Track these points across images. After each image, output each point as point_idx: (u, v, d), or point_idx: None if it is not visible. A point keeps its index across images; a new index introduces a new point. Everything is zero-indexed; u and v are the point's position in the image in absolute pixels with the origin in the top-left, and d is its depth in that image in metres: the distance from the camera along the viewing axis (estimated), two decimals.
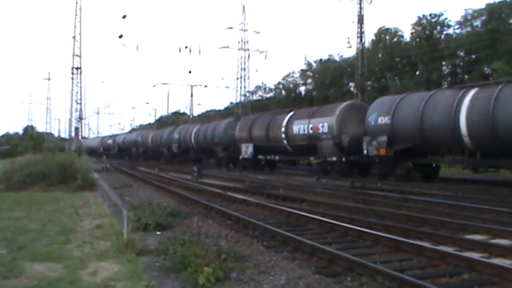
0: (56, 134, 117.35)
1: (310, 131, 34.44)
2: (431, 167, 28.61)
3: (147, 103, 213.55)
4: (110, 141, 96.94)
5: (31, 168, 25.89)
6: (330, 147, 32.60)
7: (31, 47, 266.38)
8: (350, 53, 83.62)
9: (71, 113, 60.82)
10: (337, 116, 32.34)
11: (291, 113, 38.37)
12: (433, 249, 9.54)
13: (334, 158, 32.51)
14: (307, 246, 10.03)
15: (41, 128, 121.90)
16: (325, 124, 33.02)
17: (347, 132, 31.48)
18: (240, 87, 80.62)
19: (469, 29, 62.59)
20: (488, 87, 23.91)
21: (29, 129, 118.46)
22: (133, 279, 7.93)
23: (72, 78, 58.71)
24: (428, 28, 65.96)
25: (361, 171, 32.03)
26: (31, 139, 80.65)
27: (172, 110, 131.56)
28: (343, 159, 31.91)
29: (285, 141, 37.57)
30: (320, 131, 33.42)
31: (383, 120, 28.22)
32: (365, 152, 29.34)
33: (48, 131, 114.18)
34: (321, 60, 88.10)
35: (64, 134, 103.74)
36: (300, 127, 35.66)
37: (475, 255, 9.21)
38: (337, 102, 37.73)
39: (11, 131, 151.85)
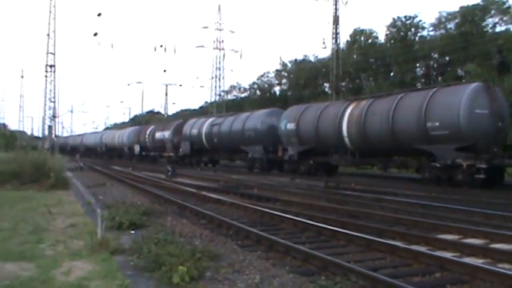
0: (29, 132, 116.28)
1: None
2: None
3: (122, 102, 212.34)
4: (106, 138, 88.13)
5: (3, 167, 25.64)
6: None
7: (4, 44, 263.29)
8: (325, 53, 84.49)
9: (45, 111, 60.34)
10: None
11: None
12: (406, 249, 9.62)
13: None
14: (281, 246, 10.06)
15: (13, 126, 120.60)
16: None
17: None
18: (215, 87, 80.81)
19: (442, 31, 63.17)
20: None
21: (1, 127, 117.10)
22: (107, 279, 7.89)
23: (46, 76, 58.28)
24: (403, 30, 66.48)
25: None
26: (3, 137, 79.69)
27: (146, 109, 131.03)
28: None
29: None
30: None
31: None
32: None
33: (21, 129, 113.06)
34: (296, 60, 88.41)
35: (37, 133, 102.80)
36: None
37: (447, 255, 9.30)
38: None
39: None
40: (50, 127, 60.92)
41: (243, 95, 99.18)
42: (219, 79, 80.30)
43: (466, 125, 23.10)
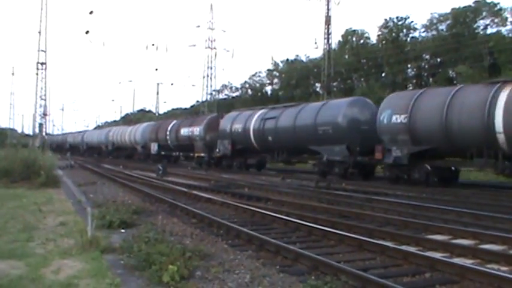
0: (20, 130, 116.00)
1: None
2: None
3: (113, 100, 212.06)
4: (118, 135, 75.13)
5: None
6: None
7: None
8: (317, 53, 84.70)
9: (35, 108, 60.16)
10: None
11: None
12: (396, 249, 9.65)
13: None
14: (271, 245, 10.06)
15: (4, 123, 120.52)
16: None
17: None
18: (207, 86, 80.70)
19: (434, 32, 63.45)
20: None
21: None
22: (97, 277, 7.88)
23: (37, 74, 58.03)
24: (395, 31, 66.69)
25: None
26: None
27: (138, 107, 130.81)
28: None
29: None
30: None
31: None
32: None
33: (11, 126, 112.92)
34: (287, 60, 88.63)
35: (28, 130, 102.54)
36: None
37: (437, 255, 9.33)
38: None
39: None
40: (40, 125, 60.75)
41: (234, 95, 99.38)
42: (211, 78, 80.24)
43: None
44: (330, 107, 32.05)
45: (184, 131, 49.51)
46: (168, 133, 53.31)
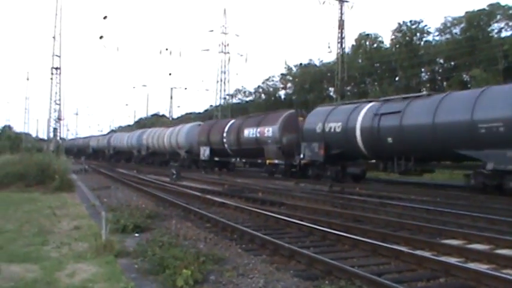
0: (34, 135, 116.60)
1: None
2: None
3: (127, 105, 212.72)
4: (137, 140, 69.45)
5: (8, 168, 25.70)
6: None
7: (10, 46, 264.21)
8: (330, 57, 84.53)
9: (50, 113, 60.36)
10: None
11: None
12: (411, 254, 9.60)
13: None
14: (285, 250, 10.04)
15: (18, 128, 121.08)
16: None
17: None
18: (220, 90, 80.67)
19: (448, 36, 63.12)
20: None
21: (6, 129, 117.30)
22: (111, 281, 7.90)
23: (52, 79, 58.23)
24: (408, 34, 66.43)
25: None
26: (8, 139, 79.83)
27: (151, 112, 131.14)
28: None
29: None
30: None
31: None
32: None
33: (26, 131, 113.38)
34: (301, 64, 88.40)
35: (42, 135, 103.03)
36: None
37: (452, 260, 9.28)
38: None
39: None
40: (55, 129, 60.88)
41: (248, 99, 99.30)
42: (224, 83, 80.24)
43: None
44: (495, 96, 22.81)
45: (249, 132, 40.08)
46: (225, 135, 43.97)
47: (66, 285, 7.71)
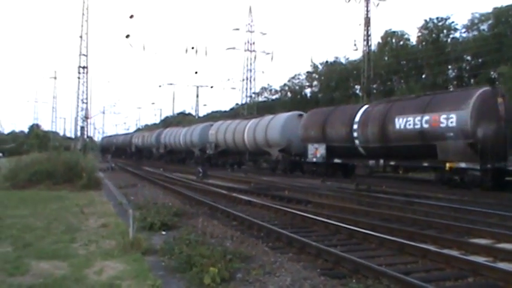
0: (62, 133, 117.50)
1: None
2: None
3: (153, 103, 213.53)
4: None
5: (36, 167, 25.92)
6: None
7: (38, 46, 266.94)
8: (356, 55, 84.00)
9: (77, 112, 60.95)
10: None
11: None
12: (438, 253, 9.54)
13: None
14: (312, 248, 10.03)
15: (46, 126, 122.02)
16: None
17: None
18: (246, 89, 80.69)
19: (475, 32, 62.42)
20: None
21: (34, 128, 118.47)
22: (138, 279, 7.95)
23: (79, 78, 58.81)
24: (435, 31, 65.81)
25: None
26: (36, 137, 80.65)
27: (177, 110, 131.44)
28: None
29: None
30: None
31: None
32: None
33: (53, 129, 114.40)
34: (327, 62, 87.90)
35: (69, 133, 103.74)
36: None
37: (480, 259, 9.20)
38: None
39: (17, 129, 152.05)
40: (82, 128, 61.48)
41: (274, 97, 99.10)
42: (250, 81, 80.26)
43: None
44: None
45: (405, 122, 27.50)
46: (354, 127, 31.35)
47: (94, 282, 7.77)
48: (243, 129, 46.73)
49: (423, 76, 66.69)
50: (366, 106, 32.46)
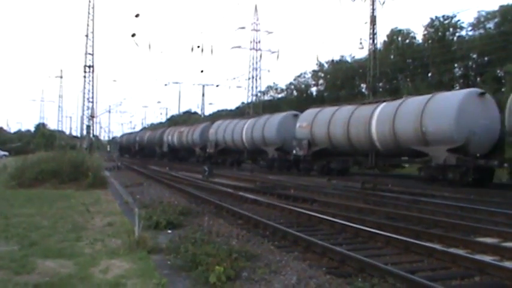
0: (68, 132, 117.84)
1: None
2: None
3: (159, 102, 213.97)
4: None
5: (43, 166, 25.96)
6: None
7: (44, 45, 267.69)
8: (362, 54, 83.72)
9: (83, 111, 61.06)
10: None
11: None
12: (444, 251, 9.52)
13: None
14: (318, 247, 10.03)
15: (52, 125, 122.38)
16: None
17: None
18: (252, 87, 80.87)
19: (481, 31, 62.28)
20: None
21: (40, 127, 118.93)
22: (144, 277, 7.95)
23: (85, 77, 58.90)
24: (441, 30, 65.70)
25: None
26: (43, 136, 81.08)
27: (183, 109, 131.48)
28: None
29: None
30: None
31: None
32: None
33: (59, 128, 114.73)
34: (332, 61, 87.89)
35: (75, 132, 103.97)
36: None
37: (487, 258, 9.18)
38: None
39: (23, 129, 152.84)
40: (88, 127, 61.58)
41: (279, 96, 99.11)
42: (256, 79, 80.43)
43: None
44: None
45: None
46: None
47: (99, 281, 7.77)
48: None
49: (429, 74, 66.60)
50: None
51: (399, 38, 72.67)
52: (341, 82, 79.76)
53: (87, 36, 58.42)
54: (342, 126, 33.65)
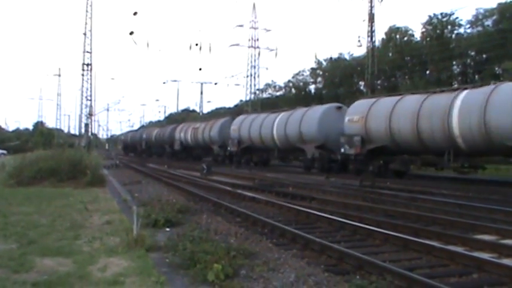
0: (66, 130, 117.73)
1: None
2: None
3: (157, 100, 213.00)
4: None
5: (41, 164, 25.96)
6: None
7: (42, 44, 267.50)
8: (360, 51, 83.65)
9: (81, 109, 61.02)
10: None
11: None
12: (443, 249, 9.52)
13: None
14: (316, 244, 10.02)
15: (51, 124, 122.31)
16: None
17: None
18: (250, 85, 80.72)
19: (480, 28, 62.38)
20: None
21: (39, 125, 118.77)
22: (142, 275, 7.95)
23: (83, 75, 58.86)
24: (439, 27, 65.79)
25: None
26: (41, 135, 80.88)
27: (182, 107, 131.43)
28: None
29: None
30: None
31: None
32: None
33: (58, 127, 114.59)
34: (331, 58, 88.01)
35: (74, 130, 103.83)
36: None
37: (485, 255, 9.17)
38: None
39: (21, 127, 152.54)
40: (86, 125, 61.56)
41: (278, 93, 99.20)
42: (254, 77, 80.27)
43: None
44: None
45: None
46: None
47: (98, 279, 7.77)
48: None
49: (427, 72, 66.66)
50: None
51: (397, 36, 72.76)
52: (339, 80, 79.86)
53: (85, 34, 58.37)
54: (409, 119, 27.77)
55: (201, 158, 54.60)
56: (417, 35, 70.87)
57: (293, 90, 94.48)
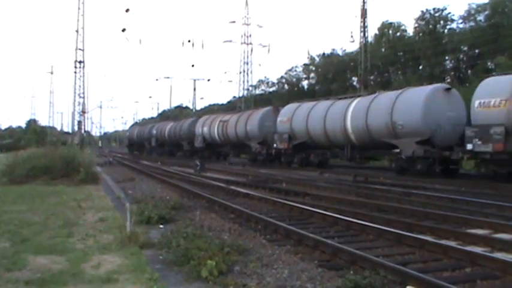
0: (59, 128, 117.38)
1: None
2: None
3: (150, 97, 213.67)
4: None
5: (34, 162, 25.86)
6: None
7: (34, 41, 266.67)
8: (353, 47, 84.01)
9: (74, 106, 60.77)
10: None
11: None
12: (436, 243, 9.54)
13: None
14: (309, 240, 10.03)
15: (43, 121, 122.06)
16: None
17: None
18: (243, 81, 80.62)
19: (472, 23, 62.45)
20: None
21: (31, 123, 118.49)
22: (136, 272, 7.95)
23: (75, 72, 58.56)
24: (432, 22, 65.83)
25: None
26: (34, 133, 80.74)
27: (175, 103, 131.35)
28: None
29: None
30: None
31: None
32: None
33: (51, 124, 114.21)
34: (324, 54, 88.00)
35: (67, 128, 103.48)
36: None
37: (478, 249, 9.21)
38: None
39: (14, 125, 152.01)
40: (79, 122, 61.32)
41: (271, 90, 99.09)
42: (247, 74, 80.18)
43: None
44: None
45: None
46: None
47: (91, 277, 7.76)
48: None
49: (420, 67, 66.74)
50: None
51: (390, 31, 72.82)
52: (332, 75, 79.84)
53: (77, 31, 58.05)
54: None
55: (227, 157, 51.05)
56: (410, 31, 71.00)
57: (286, 86, 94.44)
